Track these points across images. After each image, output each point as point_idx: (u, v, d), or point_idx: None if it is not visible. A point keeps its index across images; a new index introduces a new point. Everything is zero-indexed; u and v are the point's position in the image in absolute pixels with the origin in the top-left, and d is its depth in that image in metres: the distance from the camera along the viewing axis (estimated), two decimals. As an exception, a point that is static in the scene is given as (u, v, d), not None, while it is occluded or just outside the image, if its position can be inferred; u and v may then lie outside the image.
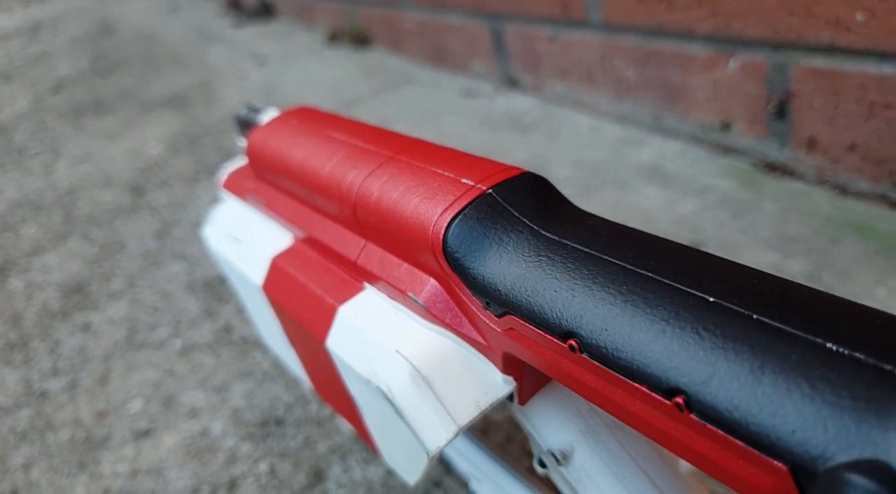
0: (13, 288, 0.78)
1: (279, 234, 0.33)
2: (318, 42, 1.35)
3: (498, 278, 0.21)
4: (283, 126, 0.34)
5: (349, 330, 0.26)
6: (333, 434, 0.50)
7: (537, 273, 0.20)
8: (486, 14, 0.87)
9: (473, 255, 0.22)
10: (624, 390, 0.17)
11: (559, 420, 0.24)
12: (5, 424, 0.58)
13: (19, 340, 0.69)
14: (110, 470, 0.51)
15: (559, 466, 0.24)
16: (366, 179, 0.26)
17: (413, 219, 0.23)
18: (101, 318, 0.69)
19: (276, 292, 0.31)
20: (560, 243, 0.20)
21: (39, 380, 0.62)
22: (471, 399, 0.23)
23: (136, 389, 0.58)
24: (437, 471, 0.45)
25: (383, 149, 0.27)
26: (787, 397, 0.14)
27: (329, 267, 0.29)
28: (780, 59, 0.56)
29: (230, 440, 0.51)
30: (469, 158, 0.25)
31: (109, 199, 0.94)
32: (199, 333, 0.63)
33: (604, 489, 0.23)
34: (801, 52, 0.54)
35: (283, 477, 0.47)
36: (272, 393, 0.54)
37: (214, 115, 1.14)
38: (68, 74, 1.54)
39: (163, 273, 0.74)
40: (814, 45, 0.53)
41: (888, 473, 0.12)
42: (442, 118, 0.91)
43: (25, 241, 0.87)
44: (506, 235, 0.21)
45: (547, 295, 0.19)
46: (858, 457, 0.13)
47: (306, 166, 0.30)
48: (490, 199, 0.22)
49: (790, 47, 0.55)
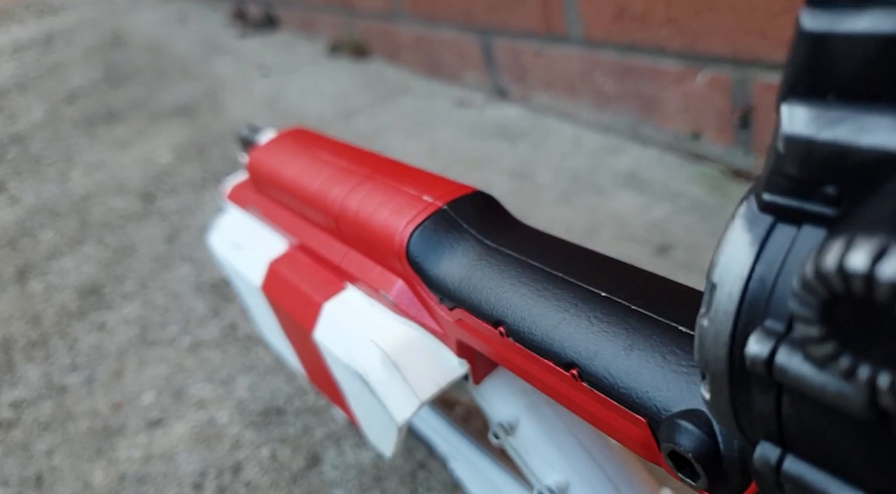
0: (33, 290, 0.83)
1: (276, 241, 0.38)
2: (319, 53, 1.40)
3: (449, 278, 0.25)
4: (279, 146, 0.38)
5: (332, 323, 0.31)
6: (329, 421, 0.54)
7: (478, 273, 0.24)
8: (476, 29, 0.92)
9: (430, 259, 0.26)
10: (538, 365, 0.21)
11: (507, 397, 0.28)
12: (29, 415, 0.63)
13: (40, 338, 0.74)
14: (125, 456, 0.56)
15: (508, 436, 0.29)
16: (347, 195, 0.31)
17: (383, 230, 0.28)
18: (115, 318, 0.74)
19: (273, 292, 0.36)
20: (497, 250, 0.25)
21: (59, 375, 0.67)
22: (431, 378, 0.28)
23: (149, 382, 0.63)
24: (421, 454, 0.50)
25: (362, 168, 0.32)
26: (645, 367, 0.18)
27: (317, 269, 0.34)
28: (741, 76, 0.60)
29: (235, 428, 0.56)
30: (431, 178, 0.29)
31: (122, 206, 0.99)
32: (206, 331, 0.68)
33: (544, 454, 0.28)
34: (759, 69, 0.58)
35: (282, 461, 0.52)
36: (273, 385, 0.59)
37: (221, 125, 1.19)
38: (81, 85, 1.60)
39: (172, 275, 0.79)
40: (769, 64, 0.57)
41: (702, 417, 0.17)
42: (436, 127, 0.96)
43: (43, 246, 0.93)
44: (455, 243, 0.26)
45: (484, 292, 0.24)
46: (686, 408, 0.17)
47: (298, 182, 0.34)
48: (445, 214, 0.27)
49: (749, 65, 0.59)
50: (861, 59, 0.10)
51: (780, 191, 0.12)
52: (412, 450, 0.50)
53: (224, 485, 0.51)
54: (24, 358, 0.71)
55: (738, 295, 0.12)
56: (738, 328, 0.12)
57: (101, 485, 0.54)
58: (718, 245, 0.13)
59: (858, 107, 0.10)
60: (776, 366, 0.11)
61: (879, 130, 0.10)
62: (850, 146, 0.10)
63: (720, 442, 0.16)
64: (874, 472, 0.11)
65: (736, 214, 0.13)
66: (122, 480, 0.54)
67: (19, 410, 0.64)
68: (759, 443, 0.13)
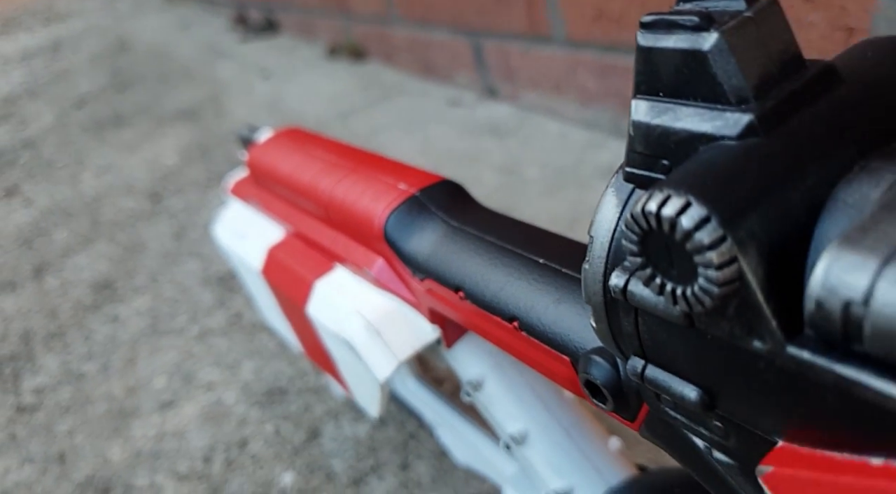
0: (49, 286, 0.88)
1: (274, 230, 0.42)
2: (318, 56, 1.45)
3: (420, 253, 0.30)
4: (276, 144, 0.43)
5: (323, 298, 0.35)
6: (328, 399, 0.59)
7: (443, 249, 0.29)
8: (466, 31, 0.96)
9: (404, 239, 0.30)
10: (489, 321, 0.26)
11: (474, 358, 0.33)
12: (51, 400, 0.67)
13: (58, 330, 0.78)
14: (140, 434, 0.60)
15: (476, 393, 0.33)
16: (334, 186, 0.35)
17: (365, 215, 0.32)
18: (127, 310, 0.78)
19: (272, 275, 0.40)
20: (459, 229, 0.29)
21: (77, 363, 0.72)
22: (408, 342, 0.32)
23: (160, 368, 0.68)
24: (412, 426, 0.54)
25: (347, 162, 0.36)
26: (567, 315, 0.23)
27: (310, 252, 0.38)
28: None
29: (241, 407, 0.60)
30: (406, 169, 0.33)
31: (131, 206, 1.04)
32: (213, 320, 0.73)
33: (506, 407, 0.32)
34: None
35: (285, 436, 0.56)
36: (277, 368, 0.64)
37: (224, 127, 1.24)
38: (89, 90, 1.65)
39: (180, 269, 0.83)
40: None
41: (608, 352, 0.21)
42: (429, 126, 1.00)
43: (58, 244, 0.97)
44: (425, 224, 0.30)
45: (447, 263, 0.28)
46: (597, 346, 0.21)
47: (293, 176, 0.39)
48: (416, 200, 0.31)
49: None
50: (672, 67, 0.14)
51: (635, 165, 0.16)
52: (403, 423, 0.54)
53: (232, 458, 0.55)
54: (43, 348, 0.76)
55: (607, 245, 0.16)
56: (608, 269, 0.16)
57: (119, 460, 0.58)
58: (596, 208, 0.17)
59: (676, 101, 0.15)
60: (629, 293, 0.15)
61: (687, 117, 0.14)
62: (671, 129, 0.15)
63: (621, 372, 0.20)
64: (697, 367, 0.15)
65: (609, 184, 0.17)
66: (137, 456, 0.58)
67: (41, 395, 0.69)
68: (630, 358, 0.17)
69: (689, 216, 0.12)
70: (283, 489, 0.51)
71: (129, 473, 0.57)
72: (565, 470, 0.31)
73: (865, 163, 0.13)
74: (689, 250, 0.12)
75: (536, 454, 0.31)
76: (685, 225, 0.12)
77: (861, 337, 0.11)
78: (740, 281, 0.12)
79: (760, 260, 0.12)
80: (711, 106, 0.14)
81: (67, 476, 0.58)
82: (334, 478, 0.51)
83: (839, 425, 0.13)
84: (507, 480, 0.38)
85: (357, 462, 0.52)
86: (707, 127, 0.14)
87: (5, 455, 0.62)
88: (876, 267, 0.11)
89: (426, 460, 0.51)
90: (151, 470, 0.56)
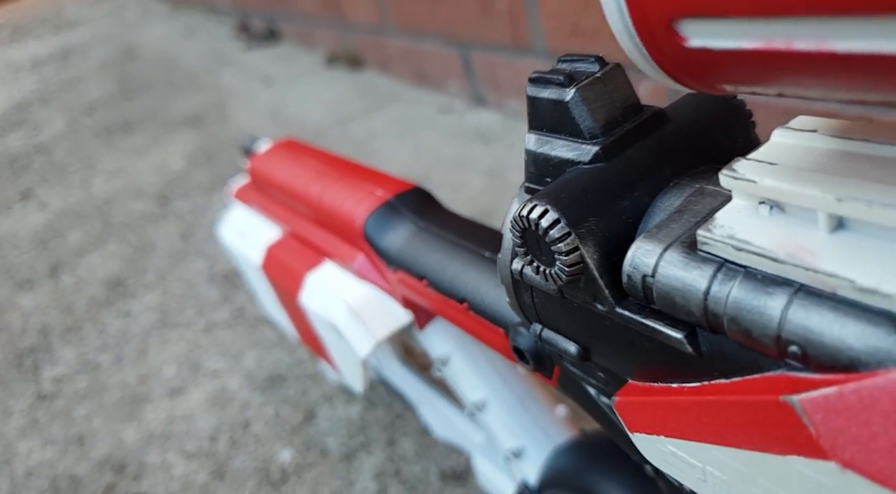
0: (65, 284, 0.94)
1: (272, 230, 0.48)
2: (318, 64, 1.50)
3: (393, 249, 0.35)
4: (273, 154, 0.48)
5: (313, 289, 0.41)
6: (323, 385, 0.64)
7: (412, 245, 0.34)
8: (455, 42, 1.02)
9: (380, 237, 0.36)
10: (447, 304, 0.31)
11: (442, 338, 0.38)
12: (70, 387, 0.73)
13: (74, 324, 0.84)
14: (152, 418, 0.66)
15: (444, 368, 0.38)
16: (323, 192, 0.41)
17: (348, 217, 0.38)
18: (138, 305, 0.84)
19: (271, 270, 0.46)
20: (426, 228, 0.35)
21: (92, 354, 0.78)
22: (385, 324, 0.37)
23: (170, 358, 0.74)
24: (399, 407, 0.59)
25: (334, 171, 0.42)
26: (501, 297, 0.28)
27: (303, 250, 0.44)
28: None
29: (244, 392, 0.66)
30: (383, 177, 0.39)
31: (140, 208, 1.10)
32: (218, 314, 0.78)
33: (469, 380, 0.38)
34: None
35: (284, 417, 0.62)
36: (277, 357, 0.69)
37: (228, 133, 1.30)
38: (99, 97, 1.72)
39: (188, 267, 0.89)
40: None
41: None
42: (421, 132, 1.06)
43: (72, 245, 1.03)
44: (398, 225, 0.36)
45: (415, 257, 0.34)
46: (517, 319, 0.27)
47: (288, 184, 0.44)
48: (391, 204, 0.37)
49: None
50: (548, 111, 0.20)
51: (530, 180, 0.21)
52: (391, 404, 0.60)
53: (236, 438, 0.61)
54: (60, 341, 0.82)
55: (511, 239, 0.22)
56: (512, 257, 0.22)
57: (133, 441, 0.64)
58: (506, 212, 0.23)
59: (552, 135, 0.20)
60: (523, 274, 0.21)
61: (559, 148, 0.20)
62: (549, 155, 0.20)
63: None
64: (572, 328, 0.21)
65: (517, 194, 0.23)
66: (150, 437, 0.64)
67: (60, 384, 0.75)
68: (532, 325, 0.23)
69: (546, 219, 0.18)
70: (281, 464, 0.57)
71: (143, 452, 0.62)
72: (518, 432, 0.37)
73: (677, 181, 0.19)
74: (547, 242, 0.18)
75: (494, 419, 0.37)
76: (543, 225, 0.18)
77: (653, 299, 0.17)
78: (583, 263, 0.18)
79: (596, 249, 0.18)
80: (573, 140, 0.19)
81: (86, 456, 0.64)
82: (328, 454, 0.57)
83: (655, 362, 0.18)
84: (476, 447, 0.43)
85: (349, 440, 0.57)
86: (570, 155, 0.19)
87: (28, 437, 0.68)
88: (660, 252, 0.16)
89: (411, 437, 0.56)
90: (163, 450, 0.62)
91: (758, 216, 0.15)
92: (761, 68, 0.12)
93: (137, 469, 0.61)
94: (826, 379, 0.13)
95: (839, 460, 0.13)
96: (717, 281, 0.15)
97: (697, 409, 0.16)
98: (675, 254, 0.16)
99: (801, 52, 0.11)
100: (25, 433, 0.69)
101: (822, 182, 0.14)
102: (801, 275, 0.14)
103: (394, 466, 0.54)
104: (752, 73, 0.12)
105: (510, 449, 0.36)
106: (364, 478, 0.54)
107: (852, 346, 0.13)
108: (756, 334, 0.14)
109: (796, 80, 0.12)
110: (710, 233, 0.15)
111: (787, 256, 0.14)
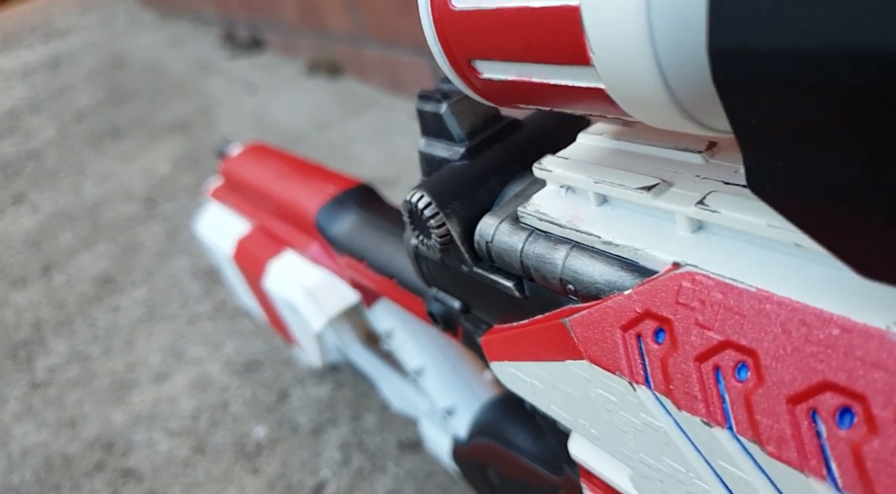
0: (57, 282, 0.99)
1: (243, 225, 0.54)
2: (299, 72, 1.56)
3: (340, 237, 0.41)
4: (244, 157, 0.54)
5: (275, 274, 0.47)
6: (296, 369, 0.70)
7: (355, 233, 0.40)
8: (425, 52, 1.08)
9: (330, 227, 0.42)
10: (381, 281, 0.37)
11: (386, 315, 0.44)
12: (62, 376, 0.79)
13: (65, 319, 0.90)
14: (139, 401, 0.72)
15: (389, 340, 0.44)
16: (283, 190, 0.47)
17: (303, 211, 0.44)
18: (127, 300, 0.90)
19: (241, 260, 0.52)
20: (367, 219, 0.41)
21: (83, 346, 0.83)
22: (335, 303, 0.43)
23: (156, 348, 0.79)
24: (363, 386, 0.65)
25: (293, 171, 0.48)
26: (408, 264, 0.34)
27: (268, 241, 0.50)
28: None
29: (223, 377, 0.72)
30: (334, 175, 0.45)
31: (129, 210, 1.15)
32: (201, 307, 0.84)
33: (409, 350, 0.44)
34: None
35: (260, 398, 0.68)
36: (254, 345, 0.75)
37: (213, 139, 1.35)
38: (88, 104, 1.77)
39: (173, 265, 0.95)
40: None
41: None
42: (395, 137, 1.12)
43: (63, 245, 1.09)
44: (345, 215, 0.42)
45: (358, 243, 0.40)
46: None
47: (255, 183, 0.50)
48: (339, 199, 0.43)
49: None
50: (431, 121, 0.26)
51: (424, 175, 0.28)
52: (356, 384, 0.66)
53: (215, 418, 0.67)
54: (53, 334, 0.87)
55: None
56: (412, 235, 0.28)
57: (121, 422, 0.69)
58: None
59: (435, 139, 0.26)
60: (417, 248, 0.27)
61: (439, 149, 0.26)
62: (434, 155, 0.26)
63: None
64: (454, 287, 0.27)
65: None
66: (136, 418, 0.69)
67: (53, 373, 0.80)
68: (430, 288, 0.29)
69: (422, 202, 0.24)
70: (256, 439, 0.63)
71: (130, 432, 0.68)
72: (451, 393, 0.43)
73: (523, 174, 0.25)
74: (423, 220, 0.24)
75: (431, 382, 0.43)
76: (420, 206, 0.24)
77: (493, 258, 0.23)
78: (449, 235, 0.24)
79: (459, 224, 0.24)
80: (448, 143, 0.26)
81: (78, 436, 0.69)
82: (298, 429, 0.63)
83: (505, 309, 0.24)
84: (423, 413, 0.49)
85: (318, 416, 0.63)
86: (446, 154, 0.26)
87: (24, 422, 0.74)
88: (496, 224, 0.23)
89: (373, 412, 0.62)
90: (148, 429, 0.68)
91: (558, 196, 0.22)
92: (524, 93, 0.18)
93: (125, 447, 0.66)
94: (585, 306, 0.19)
95: (588, 357, 0.19)
96: (528, 243, 0.21)
97: (524, 338, 0.23)
98: (505, 225, 0.22)
99: (537, 83, 0.17)
100: (21, 418, 0.74)
101: (590, 170, 0.20)
102: (575, 236, 0.20)
103: (357, 438, 0.60)
104: (522, 95, 0.18)
105: (444, 408, 0.42)
106: (330, 449, 0.59)
107: (597, 281, 0.19)
108: (549, 278, 0.21)
109: (545, 101, 0.18)
110: (525, 209, 0.22)
111: (566, 222, 0.20)
